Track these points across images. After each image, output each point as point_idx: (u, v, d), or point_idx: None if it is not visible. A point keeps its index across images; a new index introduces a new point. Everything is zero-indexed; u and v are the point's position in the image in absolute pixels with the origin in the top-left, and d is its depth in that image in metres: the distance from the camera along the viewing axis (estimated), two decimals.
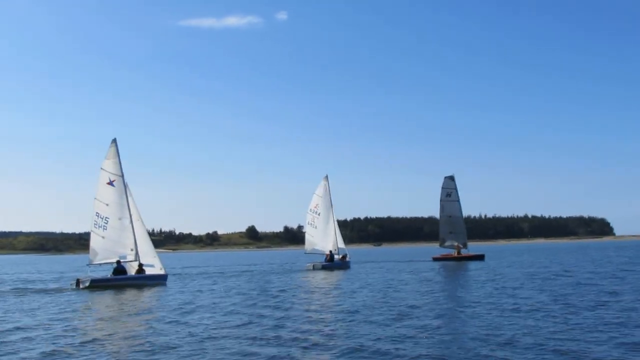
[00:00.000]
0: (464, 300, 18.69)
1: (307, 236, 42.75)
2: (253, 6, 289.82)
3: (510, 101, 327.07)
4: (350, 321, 14.42)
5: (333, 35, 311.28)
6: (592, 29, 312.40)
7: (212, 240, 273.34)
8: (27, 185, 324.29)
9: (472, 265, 42.80)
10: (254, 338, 12.21)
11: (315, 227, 42.26)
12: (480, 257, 51.76)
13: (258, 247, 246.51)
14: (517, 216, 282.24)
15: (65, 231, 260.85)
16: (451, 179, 55.02)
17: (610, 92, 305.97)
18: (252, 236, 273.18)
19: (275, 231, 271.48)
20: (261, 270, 44.07)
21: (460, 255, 51.84)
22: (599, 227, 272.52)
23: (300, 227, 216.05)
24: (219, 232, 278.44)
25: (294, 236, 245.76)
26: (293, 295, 21.83)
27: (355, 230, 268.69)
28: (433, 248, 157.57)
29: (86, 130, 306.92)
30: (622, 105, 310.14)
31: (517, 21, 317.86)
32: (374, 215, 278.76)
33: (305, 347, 11.11)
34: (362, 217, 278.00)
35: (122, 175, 28.03)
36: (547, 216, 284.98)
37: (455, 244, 53.15)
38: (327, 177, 43.94)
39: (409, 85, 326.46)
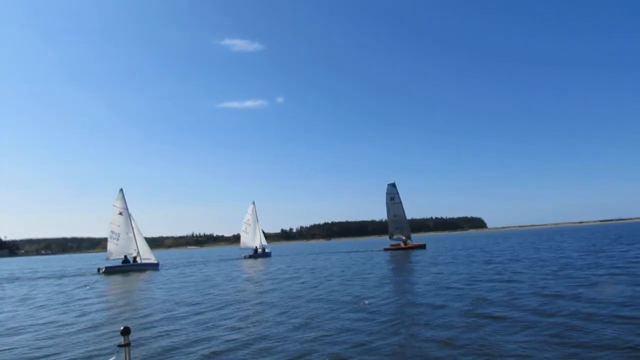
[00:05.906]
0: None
1: (242, 238, 66.37)
2: (262, 93, 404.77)
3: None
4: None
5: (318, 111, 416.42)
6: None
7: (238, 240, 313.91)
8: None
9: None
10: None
11: (247, 233, 66.25)
12: (422, 247, 62.00)
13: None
14: (425, 217, 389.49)
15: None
16: (393, 185, 65.03)
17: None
18: None
19: (275, 232, 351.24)
20: (216, 260, 67.36)
21: (407, 246, 61.74)
22: (477, 223, 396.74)
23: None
24: None
25: (288, 235, 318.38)
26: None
27: (325, 229, 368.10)
28: (374, 240, 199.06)
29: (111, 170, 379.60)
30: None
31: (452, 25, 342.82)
32: (337, 220, 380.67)
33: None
34: (329, 222, 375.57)
35: (127, 209, 48.50)
36: (444, 217, 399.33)
37: (403, 237, 63.21)
38: (254, 202, 66.56)
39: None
